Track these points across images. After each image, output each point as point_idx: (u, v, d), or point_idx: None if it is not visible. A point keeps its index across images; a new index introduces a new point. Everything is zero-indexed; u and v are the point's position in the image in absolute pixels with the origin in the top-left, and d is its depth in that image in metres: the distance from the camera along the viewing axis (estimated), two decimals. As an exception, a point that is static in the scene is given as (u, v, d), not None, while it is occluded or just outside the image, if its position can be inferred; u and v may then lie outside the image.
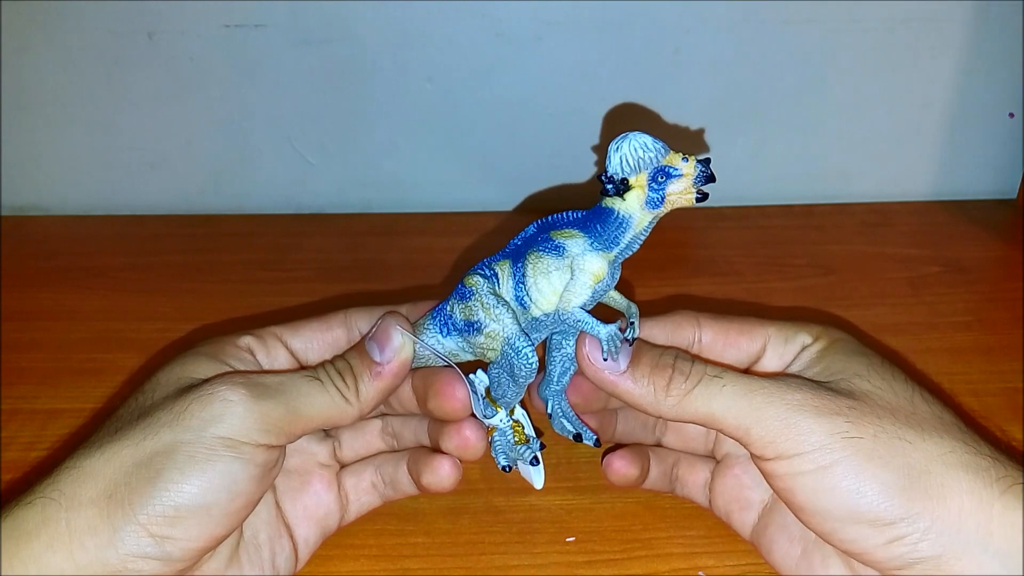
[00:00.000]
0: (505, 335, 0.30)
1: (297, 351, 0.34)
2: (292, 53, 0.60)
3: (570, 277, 0.30)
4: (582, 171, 0.64)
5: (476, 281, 0.31)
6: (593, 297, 0.30)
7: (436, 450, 0.34)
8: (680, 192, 0.29)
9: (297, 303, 0.52)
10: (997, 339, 0.49)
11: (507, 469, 0.33)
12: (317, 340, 0.34)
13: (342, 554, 0.35)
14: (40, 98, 0.62)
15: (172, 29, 0.59)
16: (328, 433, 0.36)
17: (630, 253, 0.30)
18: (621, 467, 0.34)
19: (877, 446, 0.27)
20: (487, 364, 0.33)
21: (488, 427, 0.33)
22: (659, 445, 0.37)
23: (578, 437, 0.34)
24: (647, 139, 0.28)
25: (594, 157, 0.63)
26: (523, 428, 0.34)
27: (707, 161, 0.29)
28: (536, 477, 0.35)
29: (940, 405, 0.30)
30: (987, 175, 0.66)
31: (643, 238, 0.30)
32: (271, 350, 0.33)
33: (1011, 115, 0.64)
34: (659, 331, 0.34)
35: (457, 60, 0.61)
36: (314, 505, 0.34)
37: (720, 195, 0.65)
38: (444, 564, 0.35)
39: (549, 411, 0.35)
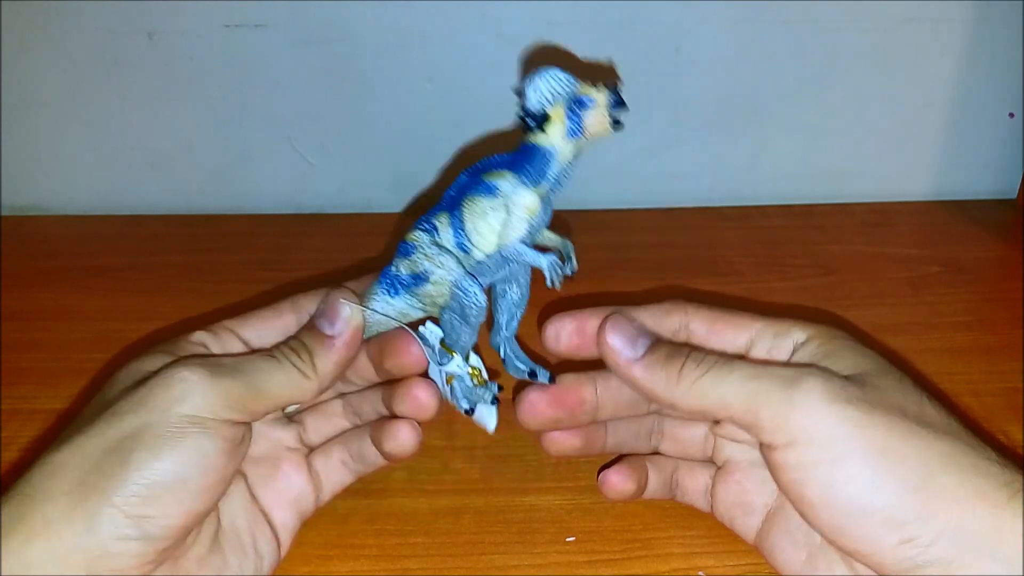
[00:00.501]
0: (451, 279, 0.31)
1: (250, 341, 0.34)
2: (292, 53, 0.60)
3: (505, 215, 0.31)
4: (582, 171, 0.63)
5: (417, 236, 0.32)
6: (529, 231, 0.31)
7: (394, 417, 0.34)
8: (597, 120, 0.30)
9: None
10: (997, 339, 0.49)
11: (470, 412, 0.33)
12: (268, 328, 0.34)
13: (342, 554, 0.35)
14: (40, 98, 0.62)
15: (172, 29, 0.59)
16: (292, 419, 0.36)
17: (560, 188, 0.32)
18: (617, 482, 0.34)
19: (891, 440, 0.27)
20: (438, 319, 0.33)
21: (447, 376, 0.34)
22: (656, 453, 0.37)
23: (532, 374, 0.34)
24: (558, 72, 0.30)
25: (590, 152, 0.63)
26: (480, 372, 0.34)
27: (615, 88, 0.30)
28: (490, 419, 0.35)
29: (945, 410, 0.29)
30: (987, 175, 0.66)
31: (570, 172, 0.31)
32: (225, 342, 0.33)
33: (1011, 115, 0.64)
34: (647, 317, 0.34)
35: (457, 60, 0.61)
36: (286, 488, 0.34)
37: (720, 195, 0.66)
38: (444, 564, 0.35)
39: (503, 356, 0.35)
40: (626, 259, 0.57)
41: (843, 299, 0.52)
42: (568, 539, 0.36)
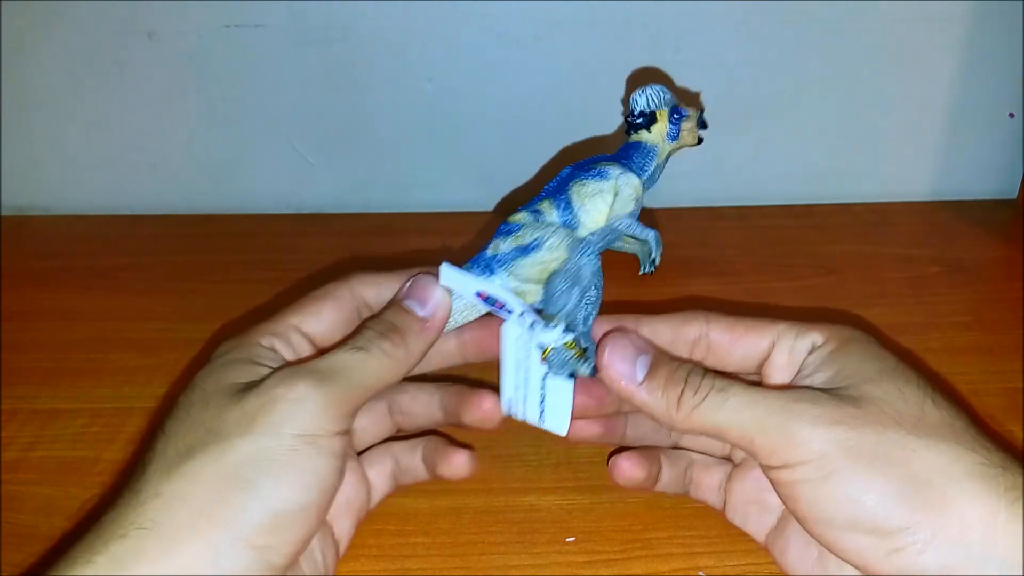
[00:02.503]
0: (568, 242, 0.33)
1: (315, 336, 0.33)
2: (292, 53, 0.60)
3: (613, 197, 0.34)
4: (582, 171, 0.64)
5: (522, 215, 0.34)
6: (634, 213, 0.34)
7: (452, 424, 0.36)
8: (689, 130, 0.37)
9: (297, 303, 0.52)
10: (997, 339, 0.49)
11: (572, 377, 0.33)
12: (332, 320, 0.33)
13: (342, 554, 0.35)
14: (40, 98, 0.62)
15: (172, 29, 0.59)
16: None
17: (652, 185, 0.36)
18: (627, 468, 0.34)
19: (878, 455, 0.27)
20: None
21: (544, 349, 0.33)
22: (676, 447, 0.37)
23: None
24: (663, 86, 0.37)
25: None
26: (578, 343, 0.33)
27: (702, 111, 0.38)
28: (562, 421, 0.34)
29: (952, 410, 0.29)
30: (987, 175, 0.66)
31: (661, 171, 0.36)
32: (294, 344, 0.32)
33: (1011, 115, 0.64)
34: (665, 327, 0.34)
35: (457, 60, 0.61)
36: (348, 496, 0.34)
37: (720, 195, 0.66)
38: (444, 564, 0.34)
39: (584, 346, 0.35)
40: (626, 259, 0.57)
41: (843, 299, 0.52)
42: (568, 539, 0.36)
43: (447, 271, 0.32)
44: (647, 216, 0.63)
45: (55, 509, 0.37)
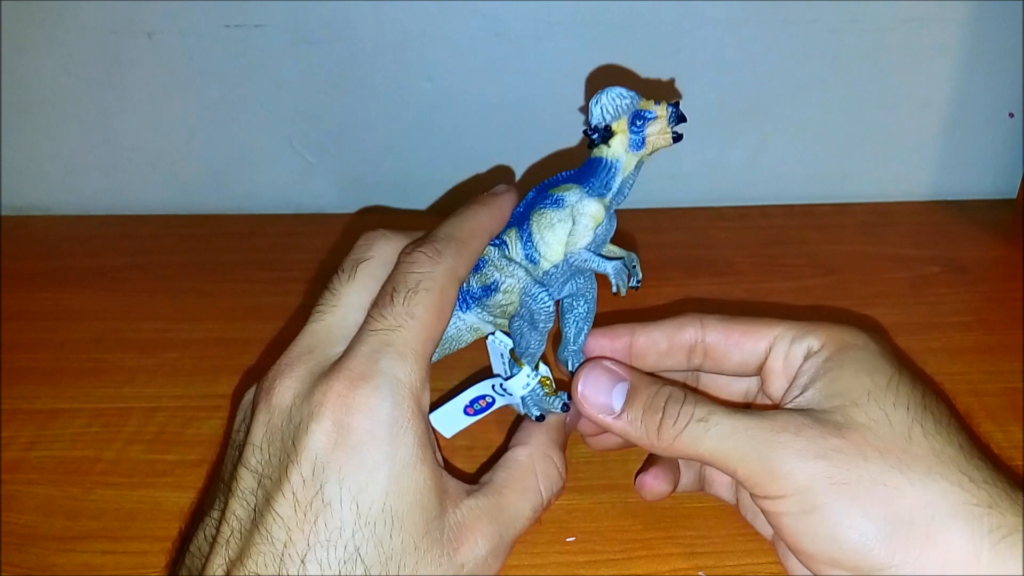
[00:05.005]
0: (521, 286, 0.32)
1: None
2: (292, 53, 0.60)
3: (572, 225, 0.32)
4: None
5: (488, 250, 0.33)
6: (595, 241, 0.32)
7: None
8: (658, 132, 0.32)
9: (297, 303, 0.52)
10: (997, 339, 0.48)
11: (541, 419, 0.33)
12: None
13: (342, 554, 0.35)
14: (40, 98, 0.62)
15: (172, 29, 0.59)
16: None
17: (622, 199, 0.33)
18: (654, 484, 0.34)
19: (860, 492, 0.27)
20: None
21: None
22: None
23: None
24: (621, 90, 0.32)
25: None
26: (550, 381, 0.34)
27: (676, 103, 0.32)
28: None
29: (943, 437, 0.28)
30: (987, 175, 0.66)
31: (631, 183, 0.33)
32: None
33: (1011, 115, 0.64)
34: (660, 334, 0.34)
35: (457, 60, 0.61)
36: None
37: (720, 195, 0.66)
38: (444, 564, 0.34)
39: (570, 369, 0.35)
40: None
41: (843, 299, 0.52)
42: (568, 539, 0.36)
43: (434, 417, 0.33)
44: (647, 216, 0.63)
45: (55, 509, 0.37)
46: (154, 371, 0.47)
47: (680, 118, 0.31)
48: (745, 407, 0.32)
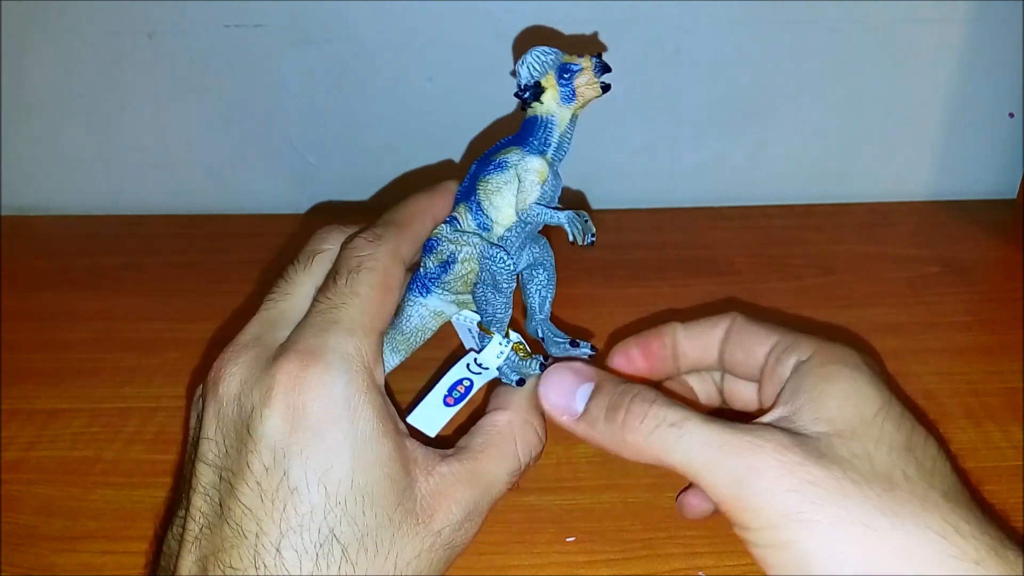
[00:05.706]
0: (478, 251, 0.32)
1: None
2: (292, 53, 0.60)
3: (518, 185, 0.33)
4: (583, 171, 0.64)
5: (440, 228, 0.34)
6: (544, 198, 0.32)
7: None
8: (586, 83, 0.32)
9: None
10: (997, 339, 0.48)
11: (521, 383, 0.33)
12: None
13: (342, 554, 0.35)
14: (40, 98, 0.62)
15: (172, 29, 0.59)
16: None
17: (563, 154, 0.33)
18: (697, 504, 0.34)
19: (835, 534, 0.25)
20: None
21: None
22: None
23: (575, 343, 0.35)
24: (543, 48, 0.33)
25: (590, 152, 0.63)
26: (523, 345, 0.34)
27: (599, 55, 0.33)
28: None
29: (926, 482, 0.26)
30: (987, 175, 0.66)
31: (569, 137, 0.33)
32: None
33: (1011, 115, 0.64)
34: (700, 331, 0.35)
35: (457, 60, 0.61)
36: None
37: (720, 195, 0.66)
38: (444, 564, 0.34)
39: (542, 337, 0.35)
40: (626, 259, 0.57)
41: (843, 299, 0.52)
42: (568, 539, 0.36)
43: (413, 417, 0.32)
44: (647, 216, 0.63)
45: (55, 509, 0.37)
46: (154, 371, 0.47)
47: (604, 68, 0.32)
48: (747, 416, 0.32)
